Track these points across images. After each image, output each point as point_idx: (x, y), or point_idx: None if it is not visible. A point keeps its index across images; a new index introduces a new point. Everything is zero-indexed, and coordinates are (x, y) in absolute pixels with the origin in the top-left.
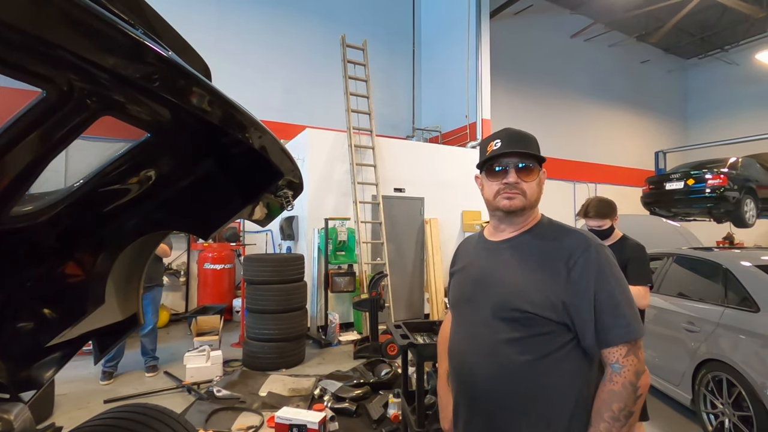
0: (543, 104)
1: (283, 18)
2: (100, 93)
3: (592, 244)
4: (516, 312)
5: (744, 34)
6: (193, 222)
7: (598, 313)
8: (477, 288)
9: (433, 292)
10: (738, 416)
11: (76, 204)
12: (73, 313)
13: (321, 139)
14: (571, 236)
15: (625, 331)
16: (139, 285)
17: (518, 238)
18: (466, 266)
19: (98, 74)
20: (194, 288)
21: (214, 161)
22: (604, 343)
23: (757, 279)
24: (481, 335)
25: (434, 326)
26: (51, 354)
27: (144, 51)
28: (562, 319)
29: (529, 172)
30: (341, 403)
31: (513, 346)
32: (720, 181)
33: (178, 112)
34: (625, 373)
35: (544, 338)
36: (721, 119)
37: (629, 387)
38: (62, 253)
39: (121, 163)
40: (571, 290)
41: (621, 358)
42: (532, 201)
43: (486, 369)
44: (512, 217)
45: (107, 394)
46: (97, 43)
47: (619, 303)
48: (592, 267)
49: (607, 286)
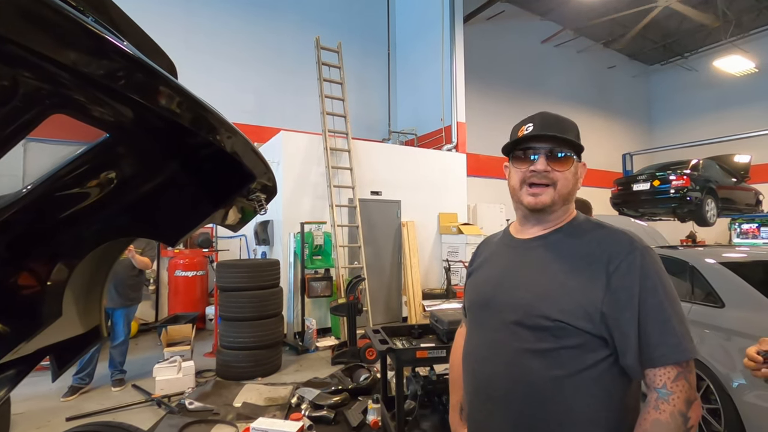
0: (515, 107)
1: (254, 19)
2: (50, 90)
3: (637, 247)
4: (544, 319)
5: (702, 42)
6: (159, 228)
7: (643, 328)
8: (499, 290)
9: (410, 295)
10: (706, 409)
11: (28, 209)
12: (27, 328)
13: (295, 142)
14: (613, 236)
15: (676, 350)
16: (101, 296)
17: (550, 236)
18: (486, 265)
19: (50, 69)
20: (165, 296)
21: (182, 164)
22: (649, 362)
23: (721, 276)
24: (500, 342)
25: (413, 330)
26: (3, 371)
27: (103, 46)
28: (599, 331)
29: (564, 162)
30: (319, 411)
31: (537, 359)
32: (683, 182)
33: (141, 112)
34: (675, 400)
35: (576, 352)
36: (683, 122)
37: (678, 418)
38: (13, 262)
39: (77, 166)
40: (611, 299)
41: (669, 383)
42: (563, 195)
43: (506, 384)
44: (540, 215)
45: (70, 411)
46: (49, 35)
47: (669, 316)
48: (637, 273)
49: (654, 295)
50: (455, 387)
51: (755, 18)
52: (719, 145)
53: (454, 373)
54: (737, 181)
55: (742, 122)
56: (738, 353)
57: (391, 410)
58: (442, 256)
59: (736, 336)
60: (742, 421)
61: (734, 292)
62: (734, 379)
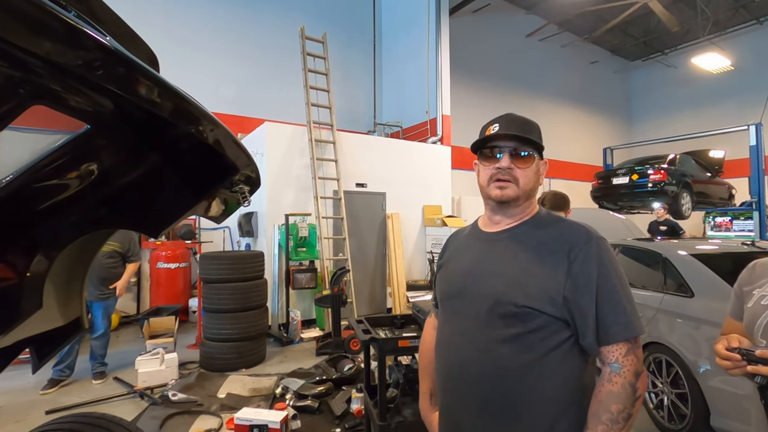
0: (500, 100)
1: (236, 8)
2: (30, 80)
3: (593, 237)
4: (513, 306)
5: (681, 39)
6: (141, 219)
7: (600, 309)
8: (469, 280)
9: (395, 286)
10: (675, 393)
11: (6, 201)
12: (5, 320)
13: (279, 133)
14: (572, 228)
15: (626, 328)
16: (81, 287)
17: (516, 229)
18: (456, 258)
19: (28, 60)
20: (146, 289)
21: (163, 155)
22: (604, 340)
23: (691, 267)
24: (472, 331)
25: (395, 320)
26: None
27: (81, 37)
28: (562, 314)
29: (526, 160)
30: (303, 401)
31: (508, 345)
32: (660, 176)
33: (122, 103)
34: (625, 373)
35: (541, 335)
36: (662, 118)
37: (629, 388)
38: None
39: (57, 157)
40: (572, 284)
41: (621, 357)
42: (526, 190)
43: (477, 368)
44: (506, 208)
45: (49, 405)
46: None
47: (621, 298)
48: (593, 260)
49: (609, 280)
50: (425, 375)
51: (732, 16)
52: (696, 141)
53: (424, 362)
54: (712, 175)
55: (718, 118)
56: (705, 341)
57: (374, 398)
58: (426, 248)
59: (704, 324)
60: (707, 404)
61: (703, 282)
62: (701, 366)
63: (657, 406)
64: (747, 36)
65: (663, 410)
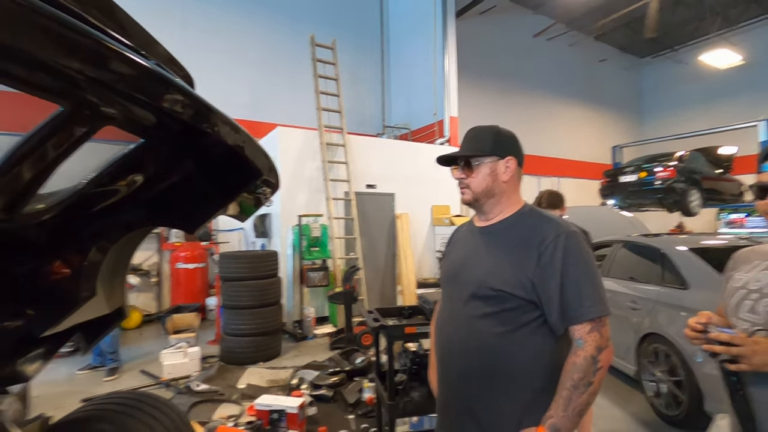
0: (508, 101)
1: (248, 14)
2: (107, 108)
3: (563, 231)
4: (490, 290)
5: (691, 36)
6: (178, 218)
7: (564, 294)
8: (460, 268)
9: (404, 284)
10: (672, 382)
11: (79, 201)
12: (66, 304)
13: (292, 137)
14: (547, 224)
15: (589, 310)
16: (123, 278)
17: (497, 225)
18: (455, 249)
19: (109, 93)
20: (166, 288)
21: (197, 162)
22: (569, 320)
23: (687, 260)
24: (459, 310)
25: (403, 311)
26: (37, 348)
27: (157, 78)
28: (531, 297)
29: (472, 168)
30: (318, 390)
31: (485, 320)
32: (668, 173)
33: (174, 122)
34: (587, 347)
35: (513, 313)
36: (672, 115)
37: (589, 359)
38: (57, 246)
39: (117, 165)
40: (539, 272)
41: (584, 335)
42: (478, 192)
43: (460, 339)
44: (475, 208)
45: (81, 395)
46: (113, 71)
47: (584, 285)
48: (560, 251)
49: (574, 269)
50: (433, 350)
51: (743, 11)
52: (707, 137)
53: (433, 338)
54: (722, 172)
55: (730, 114)
56: None
57: (384, 382)
58: (435, 247)
59: None
60: (701, 390)
61: (697, 274)
62: (697, 355)
63: (656, 394)
64: (759, 30)
65: (661, 398)
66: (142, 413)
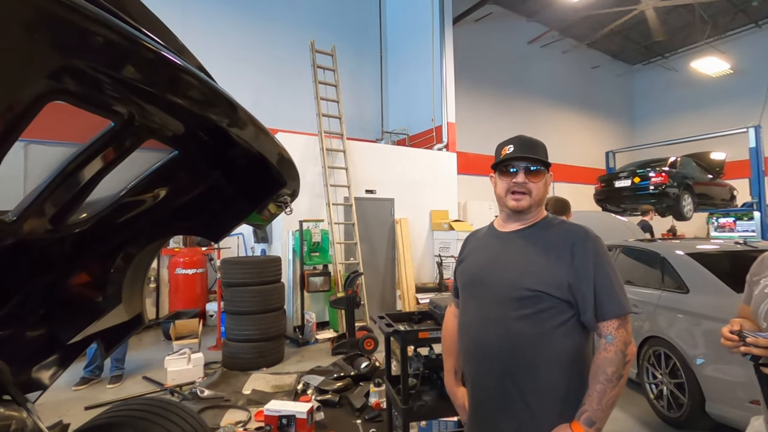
0: (503, 107)
1: (248, 21)
2: (152, 126)
3: (591, 236)
4: (526, 291)
5: (681, 43)
6: (204, 226)
7: (597, 293)
8: (488, 271)
9: (404, 288)
10: (674, 384)
11: (117, 209)
12: (92, 312)
13: (292, 143)
14: (574, 229)
15: (617, 307)
16: (142, 286)
17: (528, 229)
18: (475, 253)
19: (157, 111)
20: (165, 294)
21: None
22: (600, 317)
23: (687, 265)
24: (492, 312)
25: (413, 316)
26: (54, 355)
27: (217, 98)
28: (566, 297)
29: (536, 175)
30: (324, 395)
31: (522, 321)
32: (662, 178)
33: (210, 135)
34: (617, 342)
35: (549, 314)
36: (664, 121)
37: (620, 354)
38: (88, 255)
39: (155, 175)
40: (575, 273)
41: (614, 331)
42: (537, 200)
43: (496, 341)
44: (520, 215)
45: (85, 402)
46: (187, 96)
47: (613, 284)
48: (591, 254)
49: (603, 270)
50: (448, 354)
51: (731, 20)
52: (697, 143)
53: (447, 343)
54: (713, 177)
55: (719, 120)
56: (701, 334)
57: (395, 386)
58: (434, 252)
59: (699, 318)
60: (702, 392)
61: (697, 279)
62: (697, 357)
63: (657, 396)
64: (746, 39)
65: (663, 400)
66: (162, 419)
